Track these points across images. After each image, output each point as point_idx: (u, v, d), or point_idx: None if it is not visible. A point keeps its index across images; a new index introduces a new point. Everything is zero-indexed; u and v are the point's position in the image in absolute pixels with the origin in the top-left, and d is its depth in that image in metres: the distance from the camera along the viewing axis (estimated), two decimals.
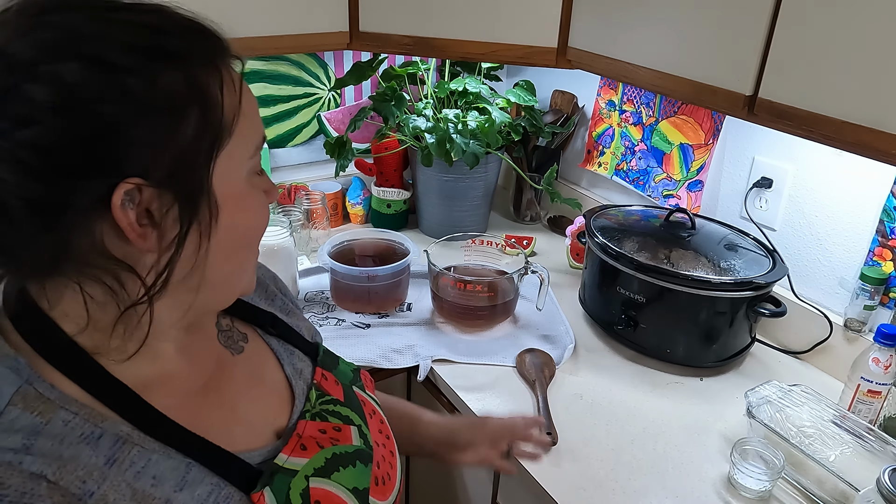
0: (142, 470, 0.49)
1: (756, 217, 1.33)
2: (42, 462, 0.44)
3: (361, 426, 0.67)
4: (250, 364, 0.65)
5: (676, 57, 1.00)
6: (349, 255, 1.42)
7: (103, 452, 0.48)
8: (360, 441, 0.65)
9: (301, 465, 0.58)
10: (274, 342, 0.69)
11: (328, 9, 1.25)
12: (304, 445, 0.60)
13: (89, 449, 0.47)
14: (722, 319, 1.17)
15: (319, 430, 0.63)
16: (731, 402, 1.14)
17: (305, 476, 0.57)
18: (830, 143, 0.83)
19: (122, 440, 0.49)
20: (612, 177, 1.66)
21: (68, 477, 0.45)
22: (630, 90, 1.57)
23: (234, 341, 0.66)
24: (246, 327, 0.68)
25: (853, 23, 0.77)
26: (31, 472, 0.44)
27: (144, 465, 0.49)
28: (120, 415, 0.50)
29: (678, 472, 0.99)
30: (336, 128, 1.75)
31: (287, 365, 0.68)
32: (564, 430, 1.05)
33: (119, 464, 0.48)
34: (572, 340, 1.28)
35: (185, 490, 0.50)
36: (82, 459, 0.46)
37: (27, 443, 0.45)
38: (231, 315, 0.67)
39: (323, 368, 0.71)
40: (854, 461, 0.94)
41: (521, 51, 1.23)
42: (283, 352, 0.69)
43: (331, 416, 0.65)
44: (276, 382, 0.66)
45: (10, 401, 0.46)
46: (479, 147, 1.48)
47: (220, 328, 0.65)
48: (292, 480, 0.56)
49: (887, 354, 1.03)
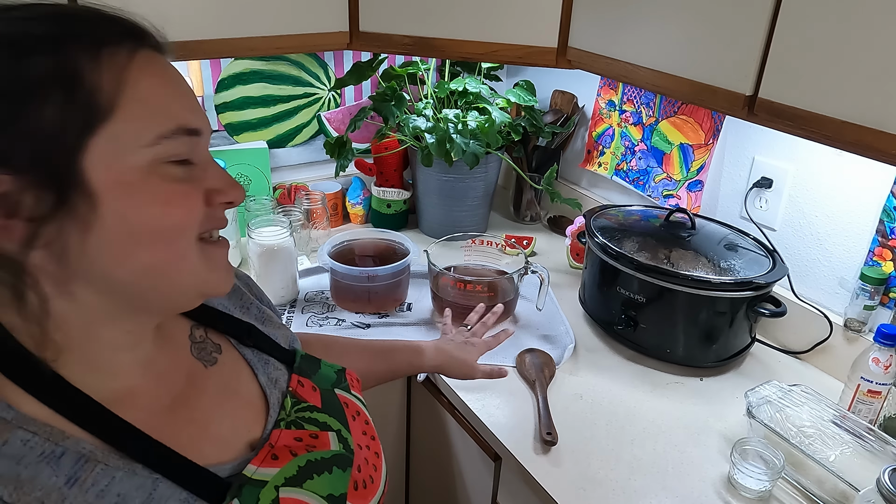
0: (105, 488, 0.48)
1: (756, 217, 1.33)
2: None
3: (341, 430, 0.66)
4: (223, 376, 0.64)
5: (676, 57, 1.00)
6: (349, 255, 1.42)
7: (64, 472, 0.47)
8: (339, 446, 0.64)
9: (271, 475, 0.57)
10: (248, 352, 0.68)
11: (328, 9, 1.25)
12: (276, 455, 0.59)
13: (49, 469, 0.46)
14: (722, 319, 1.17)
15: (295, 439, 0.62)
16: (731, 402, 1.14)
17: (275, 486, 0.56)
18: (830, 143, 0.83)
19: (85, 458, 0.48)
20: (612, 177, 1.66)
21: (25, 499, 0.44)
22: (630, 90, 1.57)
23: (208, 353, 0.64)
24: (220, 338, 0.67)
25: (853, 23, 0.77)
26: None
27: (108, 483, 0.48)
28: (83, 428, 0.49)
29: (678, 472, 0.99)
30: (336, 128, 1.75)
31: (261, 375, 0.66)
32: (564, 430, 1.05)
33: (80, 483, 0.47)
34: (572, 340, 1.28)
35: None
36: (41, 480, 0.45)
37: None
38: (205, 326, 0.66)
39: (300, 375, 0.69)
40: (854, 461, 0.94)
41: (521, 51, 1.23)
42: (258, 362, 0.68)
43: (307, 424, 0.64)
44: (250, 394, 0.65)
45: None
46: (479, 147, 1.48)
47: (193, 340, 0.64)
48: (261, 491, 0.55)
49: (887, 354, 1.03)
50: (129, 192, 0.48)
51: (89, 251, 0.48)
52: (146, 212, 0.49)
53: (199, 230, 0.53)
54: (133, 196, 0.49)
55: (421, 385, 1.23)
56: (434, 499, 1.37)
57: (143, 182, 0.49)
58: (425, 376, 1.21)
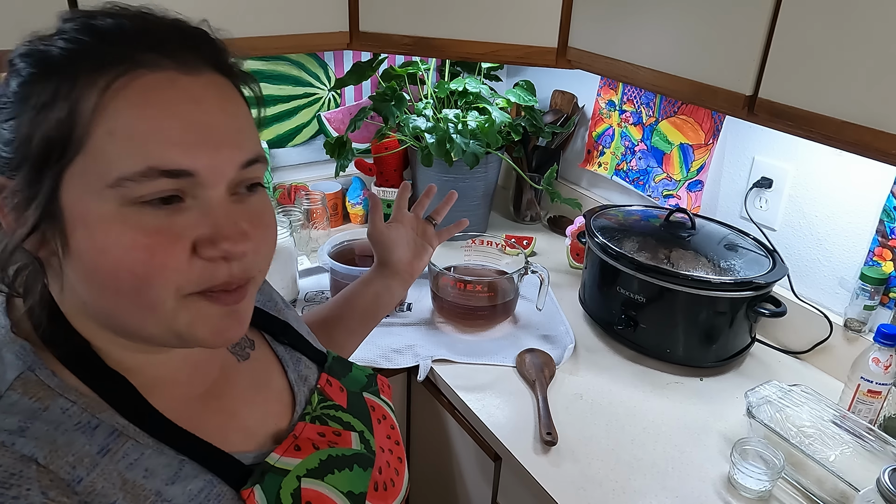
0: (134, 462, 0.49)
1: (756, 217, 1.33)
2: (34, 445, 0.45)
3: (364, 432, 0.67)
4: (254, 371, 0.65)
5: (676, 57, 1.00)
6: (349, 255, 1.42)
7: (97, 442, 0.48)
8: (361, 446, 0.65)
9: (293, 465, 0.57)
10: (280, 349, 0.69)
11: (328, 9, 1.25)
12: (299, 446, 0.59)
13: (84, 437, 0.48)
14: (722, 319, 1.17)
15: (318, 433, 0.63)
16: (731, 402, 1.14)
17: (297, 476, 0.57)
18: (830, 143, 0.83)
19: (118, 433, 0.49)
20: (612, 177, 1.66)
21: (58, 462, 0.45)
22: (630, 90, 1.57)
23: (241, 348, 0.65)
24: (254, 334, 0.68)
25: (853, 22, 0.77)
26: (22, 454, 0.44)
27: (137, 457, 0.49)
28: (117, 410, 0.51)
29: (678, 472, 0.99)
30: (336, 128, 1.75)
31: (291, 372, 0.67)
32: (564, 430, 1.05)
33: (112, 454, 0.48)
34: (572, 340, 1.28)
35: (177, 484, 0.50)
36: (75, 446, 0.47)
37: (23, 426, 0.46)
38: None
39: (330, 374, 0.71)
40: (854, 461, 0.94)
41: (521, 51, 1.23)
42: (289, 359, 0.69)
43: (331, 421, 0.65)
44: (279, 389, 0.66)
45: (11, 385, 0.47)
46: (479, 147, 1.48)
47: None
48: (283, 480, 0.56)
49: (887, 354, 1.03)
50: (90, 234, 0.46)
51: (69, 273, 0.48)
52: (105, 259, 0.46)
53: (186, 285, 0.48)
54: (92, 239, 0.46)
55: (421, 385, 1.23)
56: (434, 499, 1.37)
57: (104, 225, 0.45)
58: (425, 376, 1.21)
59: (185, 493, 0.50)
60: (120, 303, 0.48)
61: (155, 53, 0.46)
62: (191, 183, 0.47)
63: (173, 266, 0.46)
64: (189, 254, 0.47)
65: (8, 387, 0.47)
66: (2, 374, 0.48)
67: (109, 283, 0.47)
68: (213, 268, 0.48)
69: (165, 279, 0.47)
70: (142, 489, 0.48)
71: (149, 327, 0.49)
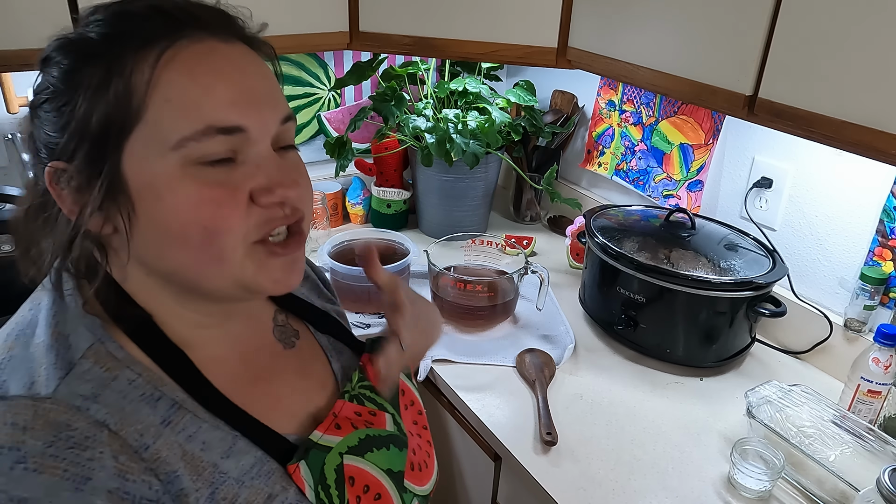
0: (193, 435, 0.52)
1: (756, 217, 1.33)
2: (106, 412, 0.48)
3: (395, 415, 0.69)
4: (300, 358, 0.68)
5: (676, 57, 1.00)
6: (349, 255, 1.42)
7: (160, 413, 0.51)
8: (394, 428, 0.68)
9: (335, 442, 0.60)
10: (324, 340, 0.72)
11: (328, 9, 1.25)
12: (339, 425, 0.62)
13: (148, 408, 0.51)
14: (722, 319, 1.17)
15: (355, 413, 0.65)
16: (731, 402, 1.14)
17: (339, 453, 0.60)
18: (830, 143, 0.83)
19: (178, 405, 0.53)
20: (612, 177, 1.66)
21: (128, 429, 0.49)
22: (630, 90, 1.57)
23: (287, 336, 0.68)
24: (299, 324, 0.71)
25: (853, 22, 0.77)
26: (95, 419, 0.48)
27: (195, 430, 0.53)
28: (178, 384, 0.54)
29: (678, 472, 0.99)
30: (336, 128, 1.75)
31: (335, 362, 0.70)
32: (564, 430, 1.05)
33: (173, 426, 0.51)
34: (572, 340, 1.28)
35: (231, 458, 0.53)
36: (141, 416, 0.50)
37: (95, 392, 0.49)
38: (287, 311, 0.70)
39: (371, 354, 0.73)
40: (854, 461, 0.94)
41: (521, 51, 1.23)
42: (333, 350, 0.71)
43: (367, 401, 0.67)
44: (322, 378, 0.68)
45: (84, 354, 0.51)
46: (479, 147, 1.48)
47: (276, 323, 0.68)
48: (327, 456, 0.58)
49: (887, 354, 1.03)
50: (158, 196, 0.49)
51: (136, 242, 0.51)
52: (175, 217, 0.50)
53: (249, 232, 0.52)
54: (162, 200, 0.49)
55: (421, 385, 1.23)
56: (434, 498, 1.37)
57: (171, 186, 0.49)
58: (425, 376, 1.21)
59: (238, 468, 0.53)
60: (190, 258, 0.51)
61: (193, 27, 0.50)
62: (242, 139, 0.51)
63: (237, 215, 0.51)
64: (248, 203, 0.51)
65: (81, 355, 0.50)
66: (75, 345, 0.51)
67: (181, 240, 0.50)
68: (269, 213, 0.53)
69: (231, 228, 0.51)
70: (200, 461, 0.52)
71: (217, 279, 0.53)
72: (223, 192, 0.50)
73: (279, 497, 0.55)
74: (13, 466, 0.44)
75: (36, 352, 0.50)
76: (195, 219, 0.50)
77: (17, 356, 0.50)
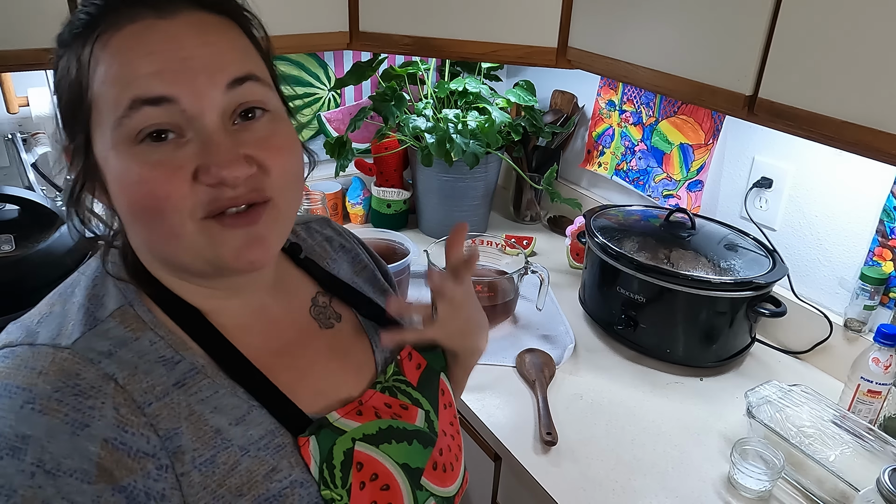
0: (206, 398, 0.54)
1: (756, 217, 1.33)
2: (117, 367, 0.51)
3: (430, 412, 0.69)
4: (336, 340, 0.67)
5: (676, 57, 1.00)
6: None
7: (175, 375, 0.53)
8: (425, 425, 0.67)
9: (351, 426, 0.60)
10: (370, 327, 0.71)
11: (328, 9, 1.25)
12: (361, 412, 0.62)
13: (164, 368, 0.53)
14: (722, 319, 1.17)
15: (385, 404, 0.65)
16: (731, 402, 1.14)
17: (353, 438, 0.59)
18: (830, 143, 0.83)
19: (196, 370, 0.54)
20: (612, 177, 1.66)
21: (135, 385, 0.51)
22: (630, 90, 1.57)
23: (326, 318, 0.68)
24: (343, 308, 0.70)
25: (853, 22, 0.77)
26: (105, 372, 0.50)
27: (210, 395, 0.54)
28: (203, 347, 0.56)
29: (678, 472, 0.99)
30: (336, 128, 1.75)
31: (379, 353, 0.70)
32: (564, 430, 1.05)
33: (187, 388, 0.53)
34: (572, 340, 1.28)
35: (240, 426, 0.54)
36: (153, 375, 0.52)
37: (111, 350, 0.52)
38: (332, 294, 0.70)
39: (414, 348, 0.72)
40: (854, 461, 0.94)
41: (521, 51, 1.23)
42: (376, 336, 0.71)
43: (401, 394, 0.67)
44: (360, 365, 0.68)
45: (111, 314, 0.54)
46: (479, 147, 1.48)
47: (315, 303, 0.68)
48: (339, 438, 0.58)
49: (887, 354, 1.03)
50: (114, 178, 0.52)
51: (121, 220, 0.55)
52: (126, 197, 0.51)
53: (196, 209, 0.50)
54: (117, 181, 0.52)
55: None
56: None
57: (118, 167, 0.51)
58: None
59: (245, 437, 0.54)
60: (152, 235, 0.53)
61: (134, 7, 0.50)
62: (175, 111, 0.49)
63: (177, 194, 0.50)
64: (191, 181, 0.50)
65: (108, 315, 0.53)
66: (106, 305, 0.54)
67: (135, 218, 0.52)
68: (216, 192, 0.51)
69: (173, 206, 0.50)
70: (204, 423, 0.53)
71: (181, 254, 0.53)
72: (162, 171, 0.49)
73: (283, 473, 0.55)
74: (23, 405, 0.47)
75: (71, 309, 0.54)
76: (138, 198, 0.50)
77: (56, 312, 0.54)
